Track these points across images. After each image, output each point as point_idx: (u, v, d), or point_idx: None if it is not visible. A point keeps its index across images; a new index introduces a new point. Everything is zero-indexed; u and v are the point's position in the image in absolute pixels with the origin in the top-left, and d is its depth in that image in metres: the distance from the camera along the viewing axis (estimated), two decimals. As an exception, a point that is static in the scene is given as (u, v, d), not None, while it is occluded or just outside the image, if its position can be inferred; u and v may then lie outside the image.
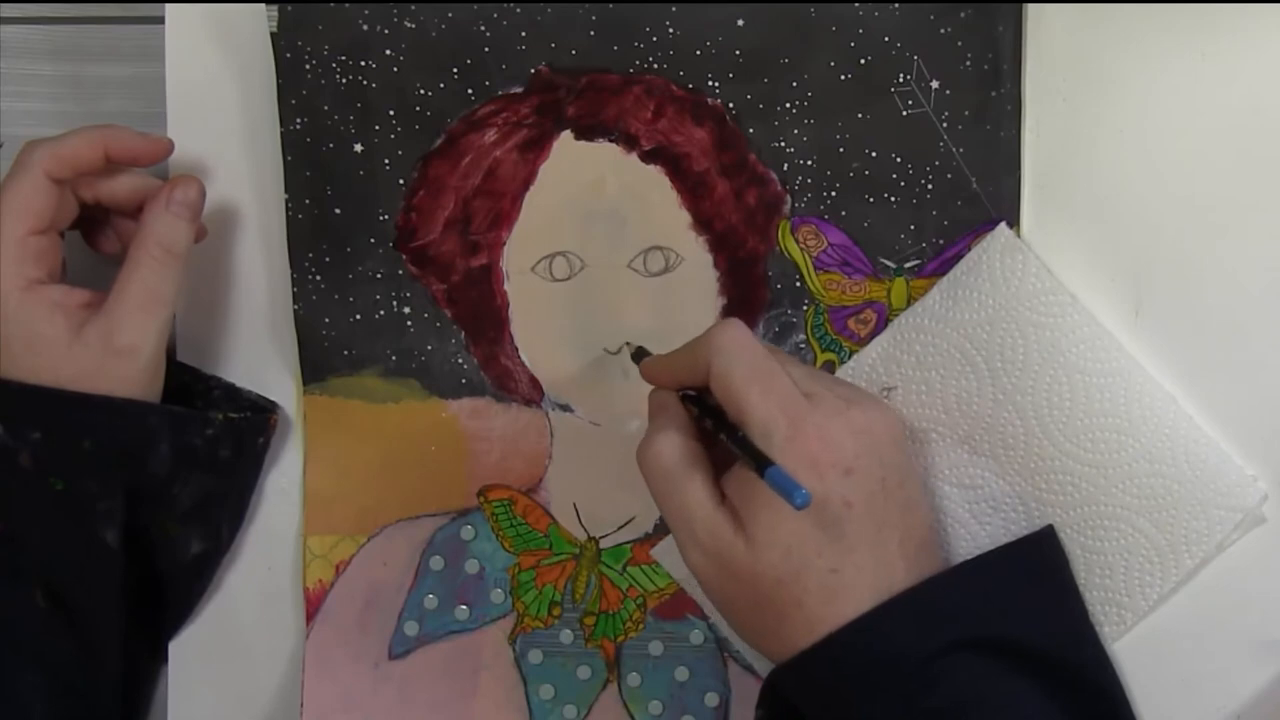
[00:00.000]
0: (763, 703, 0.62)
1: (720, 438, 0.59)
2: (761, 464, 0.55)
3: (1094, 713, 0.60)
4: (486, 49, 0.66)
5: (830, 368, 0.67)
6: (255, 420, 0.67)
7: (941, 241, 0.66)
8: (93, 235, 0.67)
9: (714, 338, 0.59)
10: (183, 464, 0.64)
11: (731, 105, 0.66)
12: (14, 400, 0.62)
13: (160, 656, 0.69)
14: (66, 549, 0.63)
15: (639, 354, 0.66)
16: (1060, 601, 0.62)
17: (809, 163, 0.66)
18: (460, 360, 0.68)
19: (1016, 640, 0.58)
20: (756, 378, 0.58)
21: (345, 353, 0.68)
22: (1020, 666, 0.57)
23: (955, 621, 0.57)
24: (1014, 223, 0.65)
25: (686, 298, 0.67)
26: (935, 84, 0.65)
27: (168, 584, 0.68)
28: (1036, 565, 0.63)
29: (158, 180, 0.65)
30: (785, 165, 0.66)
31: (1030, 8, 0.65)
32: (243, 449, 0.67)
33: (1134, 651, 0.64)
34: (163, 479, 0.64)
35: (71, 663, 0.63)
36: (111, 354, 0.62)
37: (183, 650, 0.69)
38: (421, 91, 0.66)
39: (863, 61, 0.65)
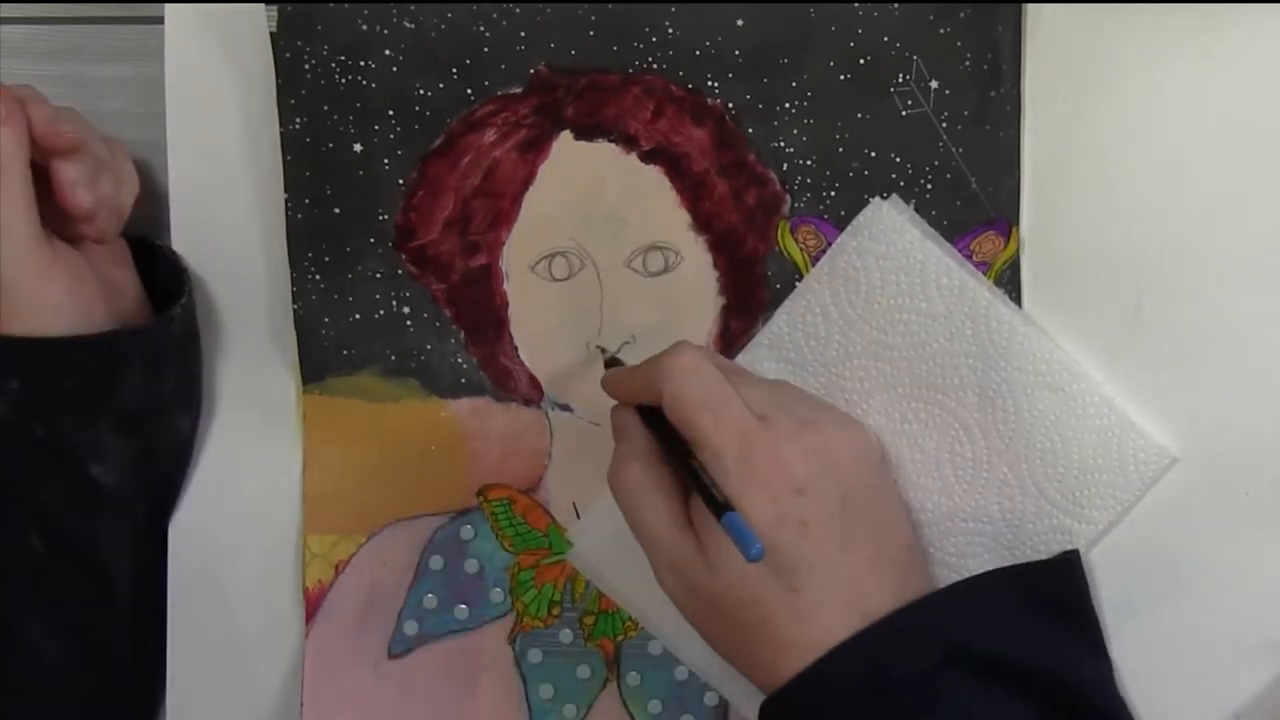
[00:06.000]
0: None
1: (679, 467, 0.59)
2: (718, 509, 0.56)
3: None
4: (486, 49, 0.66)
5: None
6: (187, 285, 0.67)
7: (941, 242, 0.66)
8: None
9: (664, 362, 0.59)
10: (158, 367, 0.65)
11: (731, 105, 0.66)
12: None
13: (162, 550, 0.69)
14: (56, 491, 0.63)
15: (611, 362, 0.66)
16: (1057, 621, 0.62)
17: (808, 163, 0.66)
18: (460, 360, 0.68)
19: (1008, 658, 0.58)
20: (708, 403, 0.58)
21: (344, 352, 0.68)
22: (1012, 685, 0.57)
23: (944, 639, 0.57)
24: (1014, 222, 0.65)
25: (686, 297, 0.67)
26: (935, 84, 0.65)
27: (172, 466, 0.68)
28: (1030, 586, 0.62)
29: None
30: (785, 165, 0.66)
31: (1030, 8, 0.65)
32: (189, 315, 0.67)
33: (1134, 651, 0.65)
34: (143, 390, 0.64)
35: (78, 602, 0.64)
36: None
37: (182, 650, 0.69)
38: (421, 91, 0.66)
39: (862, 61, 0.65)
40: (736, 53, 0.66)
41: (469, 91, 0.66)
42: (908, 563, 0.61)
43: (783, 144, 0.66)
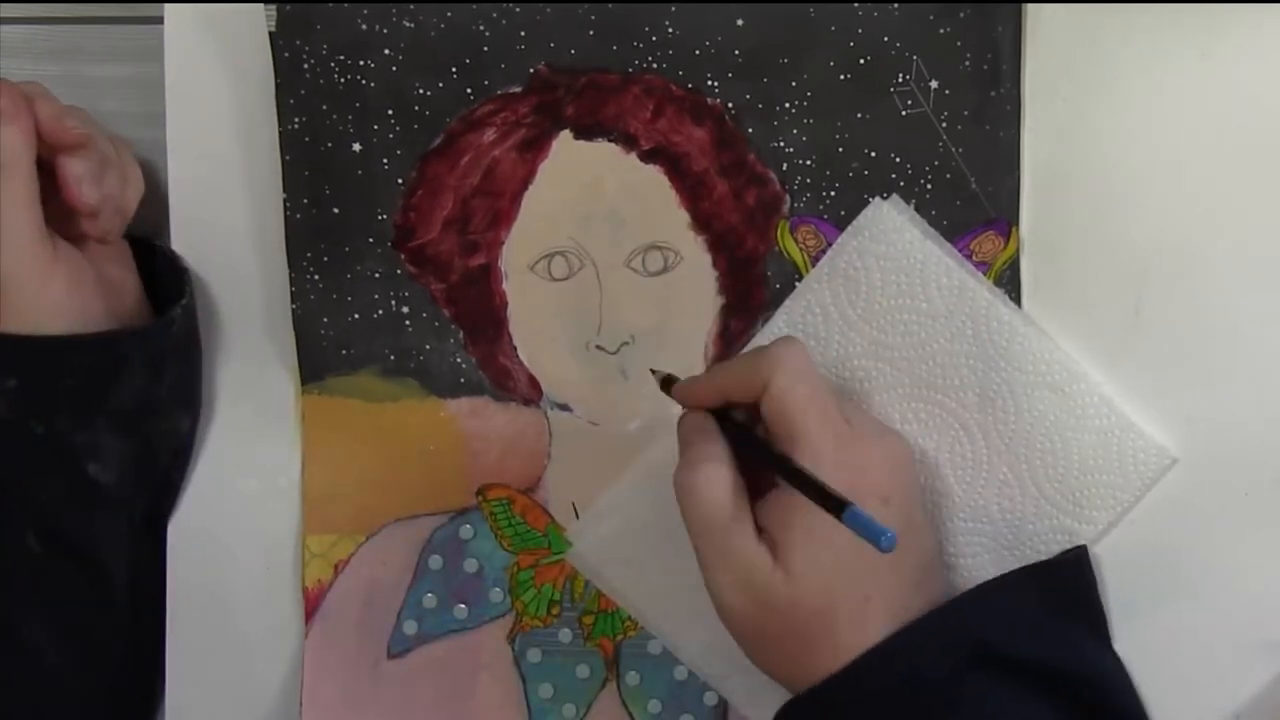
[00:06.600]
0: None
1: (773, 469, 0.58)
2: (836, 506, 0.53)
3: None
4: (485, 49, 0.66)
5: (829, 367, 0.67)
6: (188, 286, 0.67)
7: (941, 241, 0.66)
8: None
9: (776, 354, 0.58)
10: (157, 367, 0.65)
11: (731, 105, 0.66)
12: None
13: (162, 550, 0.68)
14: (54, 490, 0.63)
15: (667, 380, 0.64)
16: (1076, 620, 0.63)
17: (808, 162, 0.66)
18: (459, 359, 0.68)
19: (1034, 658, 0.58)
20: (815, 400, 0.58)
21: (343, 352, 0.68)
22: (1038, 686, 0.57)
23: (971, 640, 0.57)
24: (1014, 222, 0.65)
25: (685, 297, 0.67)
26: (934, 84, 0.65)
27: (171, 466, 0.68)
28: (1052, 585, 0.63)
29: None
30: (784, 165, 0.66)
31: (1030, 8, 0.65)
32: (190, 316, 0.67)
33: (1134, 651, 0.64)
34: (142, 390, 0.64)
35: (77, 602, 0.65)
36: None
37: (181, 650, 0.69)
38: (420, 91, 0.66)
39: (862, 61, 0.65)
40: (736, 53, 0.65)
41: (469, 91, 0.66)
42: (933, 566, 0.61)
43: (783, 144, 0.66)
